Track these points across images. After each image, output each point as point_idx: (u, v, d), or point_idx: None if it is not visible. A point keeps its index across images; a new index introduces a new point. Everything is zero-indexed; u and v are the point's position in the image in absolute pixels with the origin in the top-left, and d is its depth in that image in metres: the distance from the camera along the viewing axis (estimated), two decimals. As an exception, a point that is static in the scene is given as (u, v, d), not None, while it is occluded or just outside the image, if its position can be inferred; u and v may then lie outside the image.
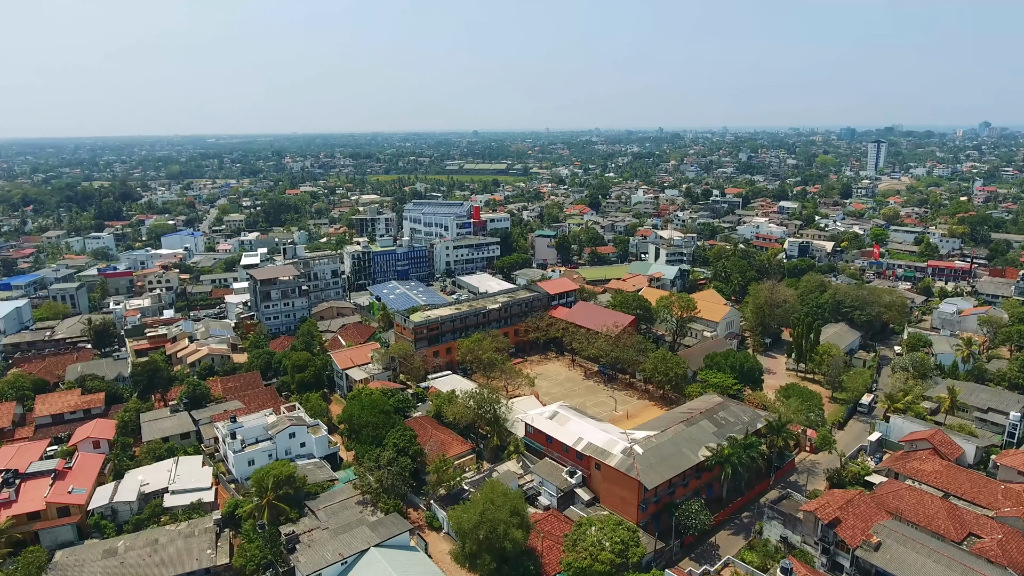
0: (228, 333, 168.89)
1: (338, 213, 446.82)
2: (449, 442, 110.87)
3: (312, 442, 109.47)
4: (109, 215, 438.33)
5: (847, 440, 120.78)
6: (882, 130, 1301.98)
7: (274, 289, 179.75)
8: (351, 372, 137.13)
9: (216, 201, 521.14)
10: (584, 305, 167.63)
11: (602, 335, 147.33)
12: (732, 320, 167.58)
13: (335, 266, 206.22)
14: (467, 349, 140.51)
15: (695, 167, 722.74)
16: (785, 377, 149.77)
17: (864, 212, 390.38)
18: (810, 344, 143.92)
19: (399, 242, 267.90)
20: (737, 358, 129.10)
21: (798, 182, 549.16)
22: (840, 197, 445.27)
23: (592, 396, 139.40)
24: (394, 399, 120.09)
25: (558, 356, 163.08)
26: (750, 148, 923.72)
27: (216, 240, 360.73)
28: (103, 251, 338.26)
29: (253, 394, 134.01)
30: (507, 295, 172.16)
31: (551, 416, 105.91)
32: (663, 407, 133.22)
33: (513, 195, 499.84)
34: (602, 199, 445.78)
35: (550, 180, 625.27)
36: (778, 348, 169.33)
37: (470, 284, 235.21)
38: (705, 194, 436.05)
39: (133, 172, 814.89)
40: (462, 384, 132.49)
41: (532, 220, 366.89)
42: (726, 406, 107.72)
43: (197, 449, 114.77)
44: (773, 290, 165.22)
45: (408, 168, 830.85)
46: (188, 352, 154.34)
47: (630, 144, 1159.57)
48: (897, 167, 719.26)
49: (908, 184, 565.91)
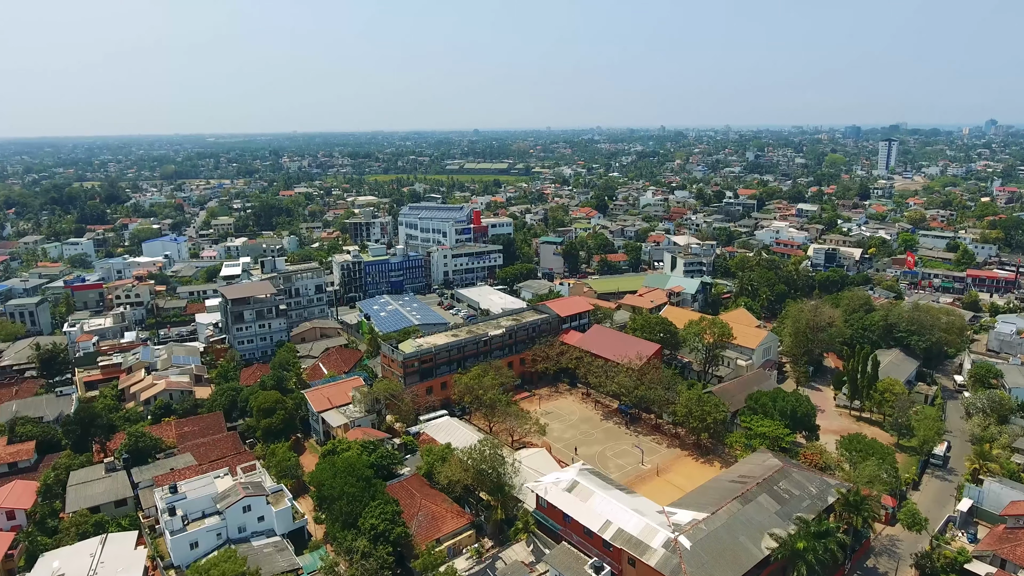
0: (193, 361, 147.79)
1: (332, 216, 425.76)
2: (442, 514, 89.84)
3: (272, 516, 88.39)
4: (92, 218, 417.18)
5: (925, 504, 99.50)
6: (887, 128, 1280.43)
7: (247, 309, 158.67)
8: (328, 415, 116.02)
9: (206, 203, 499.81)
10: (600, 330, 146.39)
11: (623, 368, 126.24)
12: (769, 346, 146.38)
13: (319, 280, 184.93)
14: (465, 387, 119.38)
15: (702, 166, 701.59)
16: (835, 416, 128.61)
17: (886, 215, 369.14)
18: (867, 379, 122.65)
19: (393, 250, 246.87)
20: (788, 401, 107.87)
21: (811, 182, 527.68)
22: (859, 199, 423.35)
23: (613, 443, 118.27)
24: (376, 455, 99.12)
25: (570, 389, 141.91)
26: (756, 147, 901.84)
27: (201, 246, 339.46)
28: (81, 258, 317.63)
29: (211, 443, 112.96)
30: (511, 318, 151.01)
31: (569, 487, 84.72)
32: (699, 458, 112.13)
33: (515, 196, 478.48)
34: (608, 201, 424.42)
35: (553, 180, 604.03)
36: (821, 377, 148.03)
37: (470, 298, 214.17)
38: (717, 196, 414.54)
39: (127, 172, 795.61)
40: (459, 432, 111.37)
41: (536, 224, 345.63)
42: (787, 473, 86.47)
43: (134, 521, 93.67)
44: (816, 312, 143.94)
45: (408, 168, 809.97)
46: (143, 386, 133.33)
47: (633, 143, 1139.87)
48: (908, 166, 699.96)
49: (923, 184, 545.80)
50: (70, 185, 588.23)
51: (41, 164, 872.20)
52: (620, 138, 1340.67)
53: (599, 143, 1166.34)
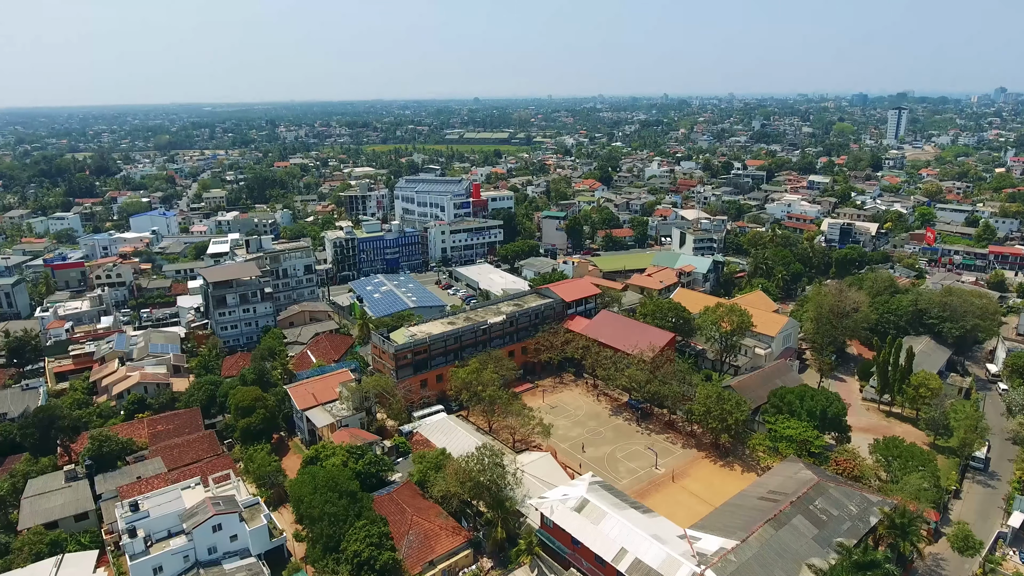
0: (172, 349, 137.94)
1: (328, 188, 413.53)
2: (435, 532, 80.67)
3: (247, 535, 79.23)
4: (81, 191, 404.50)
5: (968, 516, 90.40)
6: (894, 96, 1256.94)
7: (230, 293, 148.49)
8: (313, 414, 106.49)
9: (199, 175, 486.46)
10: (608, 316, 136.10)
11: (634, 359, 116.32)
12: (789, 333, 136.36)
13: (308, 260, 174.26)
14: (462, 382, 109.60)
15: (707, 136, 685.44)
16: (862, 411, 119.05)
17: (900, 187, 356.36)
18: (900, 372, 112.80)
19: (388, 226, 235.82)
20: (818, 401, 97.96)
21: (820, 152, 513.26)
22: (871, 170, 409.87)
23: (623, 442, 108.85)
24: (363, 462, 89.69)
25: (576, 380, 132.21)
26: (762, 116, 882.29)
27: (192, 220, 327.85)
28: (67, 233, 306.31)
29: (185, 444, 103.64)
30: (512, 303, 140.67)
31: (579, 507, 75.30)
32: (717, 460, 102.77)
33: (516, 167, 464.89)
34: (612, 172, 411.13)
35: (555, 150, 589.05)
36: (844, 366, 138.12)
37: (469, 277, 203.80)
38: (725, 167, 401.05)
39: (120, 143, 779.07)
40: (456, 433, 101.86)
41: (538, 197, 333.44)
42: (823, 489, 76.96)
43: (96, 538, 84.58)
44: (841, 295, 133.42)
45: (406, 137, 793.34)
46: (115, 379, 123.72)
47: (636, 111, 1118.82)
48: (917, 136, 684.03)
49: (934, 154, 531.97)
50: (62, 156, 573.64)
51: (34, 135, 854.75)
52: (623, 106, 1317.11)
53: (601, 112, 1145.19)
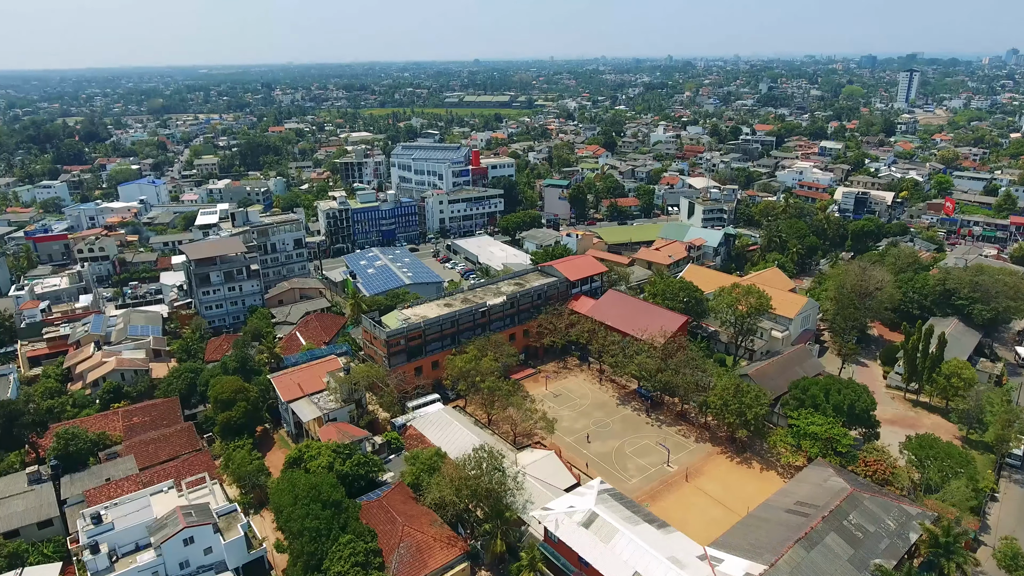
0: (153, 331, 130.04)
1: (324, 154, 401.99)
2: (429, 544, 73.64)
3: (222, 548, 72.26)
4: (69, 159, 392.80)
5: (1007, 521, 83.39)
6: (904, 58, 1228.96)
7: (214, 271, 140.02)
8: (299, 406, 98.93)
9: (191, 141, 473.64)
10: (615, 296, 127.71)
11: (644, 345, 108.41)
12: (808, 314, 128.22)
13: (298, 234, 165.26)
14: (459, 371, 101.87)
15: (713, 99, 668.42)
16: (887, 400, 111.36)
17: (914, 153, 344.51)
18: (931, 360, 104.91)
19: (384, 195, 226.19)
20: (845, 395, 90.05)
21: (830, 116, 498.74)
22: (883, 135, 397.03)
23: (632, 435, 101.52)
24: (351, 463, 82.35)
25: (581, 365, 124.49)
26: (769, 78, 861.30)
27: (182, 189, 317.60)
28: (54, 202, 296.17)
29: (162, 439, 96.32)
30: (513, 282, 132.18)
31: (586, 522, 68.01)
32: (734, 457, 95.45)
33: (517, 132, 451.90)
34: (617, 138, 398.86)
35: (557, 114, 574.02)
36: (865, 348, 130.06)
37: (468, 250, 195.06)
38: (733, 132, 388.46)
39: (113, 107, 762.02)
40: (452, 428, 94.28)
41: (540, 164, 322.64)
42: (857, 501, 69.56)
43: (60, 547, 77.72)
44: (864, 274, 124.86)
45: (405, 101, 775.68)
46: (90, 365, 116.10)
47: (639, 73, 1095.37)
48: (929, 99, 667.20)
49: (946, 118, 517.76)
50: (53, 121, 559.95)
51: (26, 99, 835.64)
52: (626, 68, 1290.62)
53: (604, 74, 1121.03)
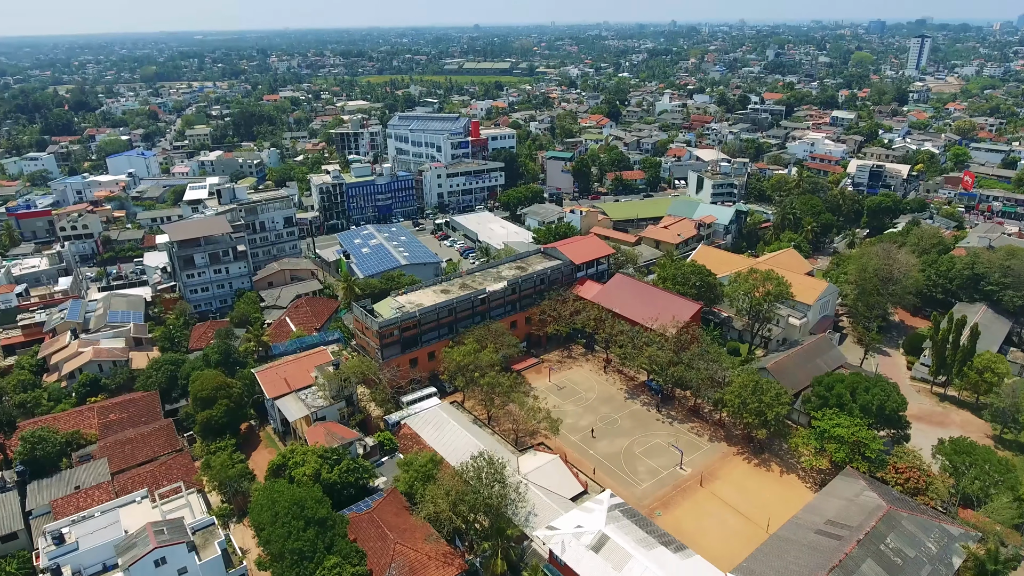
0: (134, 318, 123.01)
1: (320, 124, 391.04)
2: (423, 563, 67.47)
3: (197, 569, 66.15)
4: (58, 129, 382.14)
5: (1049, 530, 77.21)
6: (913, 23, 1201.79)
7: (199, 252, 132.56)
8: (286, 404, 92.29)
9: (184, 110, 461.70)
10: (624, 281, 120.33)
11: (655, 335, 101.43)
12: (827, 300, 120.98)
13: (288, 212, 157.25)
14: (457, 365, 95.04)
15: (719, 66, 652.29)
16: (912, 393, 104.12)
17: (928, 123, 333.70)
18: (962, 352, 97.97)
19: (379, 168, 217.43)
20: (874, 394, 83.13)
21: (840, 84, 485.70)
22: (896, 104, 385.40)
23: (642, 433, 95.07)
24: (339, 470, 75.89)
25: (586, 353, 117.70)
26: (776, 44, 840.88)
27: (173, 160, 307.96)
28: (41, 175, 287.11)
29: (139, 438, 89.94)
30: (515, 265, 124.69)
31: (596, 545, 61.74)
32: (751, 458, 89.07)
33: (518, 101, 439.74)
34: (621, 107, 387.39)
35: (559, 82, 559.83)
36: (886, 336, 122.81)
37: (467, 227, 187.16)
38: (741, 101, 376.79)
39: (106, 74, 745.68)
40: (450, 428, 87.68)
41: (541, 134, 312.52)
42: (895, 521, 63.16)
43: (25, 563, 71.75)
44: (888, 257, 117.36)
45: (403, 68, 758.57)
46: (66, 355, 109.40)
47: (643, 39, 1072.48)
48: (940, 66, 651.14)
49: (959, 86, 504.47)
50: (44, 89, 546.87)
51: (17, 66, 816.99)
52: (629, 34, 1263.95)
53: (607, 40, 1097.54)
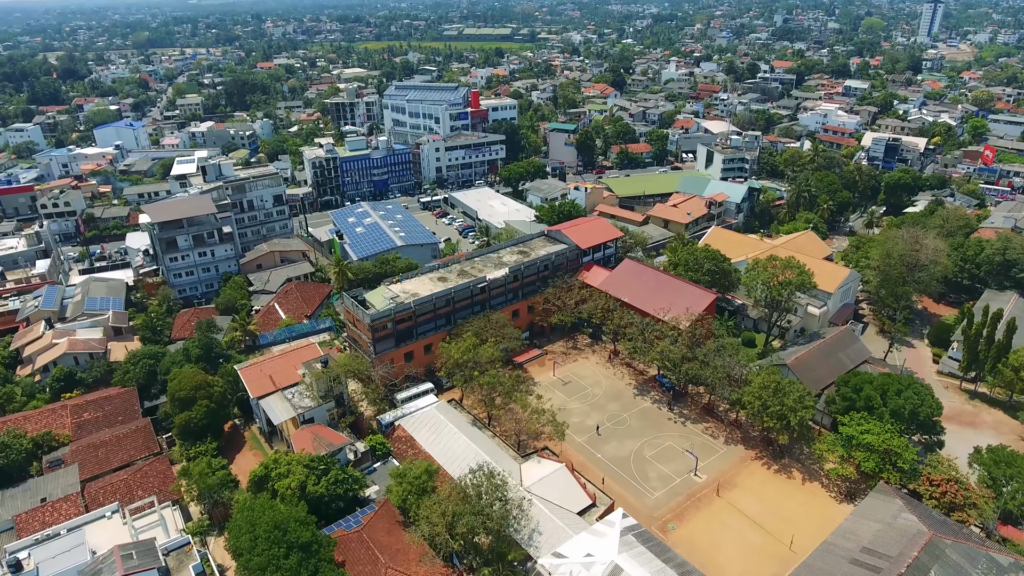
0: (114, 304, 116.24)
1: (315, 92, 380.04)
2: (418, 590, 61.83)
3: (169, 597, 60.52)
4: (45, 98, 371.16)
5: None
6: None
7: (182, 235, 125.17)
8: (271, 405, 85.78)
9: (175, 78, 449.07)
10: (633, 267, 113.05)
11: (667, 328, 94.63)
12: (849, 287, 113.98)
13: (278, 190, 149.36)
14: (454, 361, 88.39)
15: (725, 32, 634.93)
16: (940, 390, 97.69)
17: (943, 93, 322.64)
18: (997, 348, 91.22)
19: (375, 141, 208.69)
20: (907, 399, 76.49)
21: (850, 52, 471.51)
22: (910, 72, 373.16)
23: (653, 434, 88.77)
24: (326, 481, 69.70)
25: (592, 344, 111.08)
26: (784, 9, 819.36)
27: (163, 131, 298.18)
28: (27, 147, 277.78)
29: (115, 441, 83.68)
30: (517, 249, 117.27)
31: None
32: (771, 464, 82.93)
33: (520, 69, 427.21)
34: (626, 75, 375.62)
35: (561, 49, 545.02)
36: (910, 326, 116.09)
37: (466, 204, 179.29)
38: (750, 69, 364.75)
39: (97, 41, 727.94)
40: (447, 432, 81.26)
41: (543, 104, 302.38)
42: (938, 550, 56.97)
43: (-17, 585, 66.25)
44: (915, 243, 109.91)
45: (402, 34, 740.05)
46: (40, 347, 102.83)
47: (647, 4, 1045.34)
48: (952, 32, 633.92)
49: (972, 54, 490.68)
50: (34, 56, 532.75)
51: (7, 32, 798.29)
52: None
53: (610, 4, 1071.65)
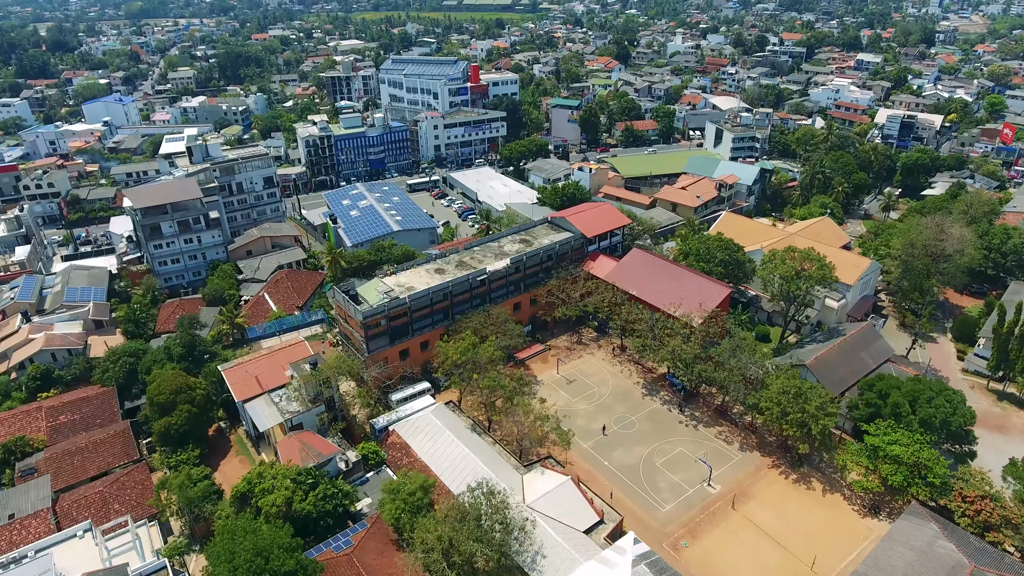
0: (96, 294, 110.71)
1: (311, 65, 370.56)
2: (412, 622, 57.09)
3: (142, 629, 55.83)
4: (33, 72, 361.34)
5: None
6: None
7: (166, 220, 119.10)
8: (256, 409, 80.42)
9: (168, 50, 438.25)
10: (641, 258, 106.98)
11: (679, 324, 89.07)
12: (869, 279, 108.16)
13: (269, 172, 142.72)
14: (452, 361, 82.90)
15: (732, 3, 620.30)
16: (966, 389, 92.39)
17: (958, 67, 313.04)
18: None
19: (371, 117, 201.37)
20: (938, 407, 71.08)
21: (861, 23, 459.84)
22: (924, 46, 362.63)
23: (663, 440, 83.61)
24: (314, 496, 64.73)
25: (598, 338, 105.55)
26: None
27: (155, 107, 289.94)
28: (15, 122, 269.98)
29: (92, 447, 78.65)
30: (519, 237, 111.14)
31: (620, 619, 50.99)
32: (790, 473, 77.85)
33: (521, 41, 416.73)
34: (630, 47, 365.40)
35: (564, 19, 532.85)
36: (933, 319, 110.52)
37: (466, 185, 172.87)
38: (759, 42, 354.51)
39: (89, 11, 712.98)
40: (445, 440, 76.06)
41: (546, 78, 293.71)
42: (984, 586, 52.07)
43: (-56, 611, 61.63)
44: (941, 232, 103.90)
45: (400, 3, 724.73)
46: (15, 343, 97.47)
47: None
48: (964, 3, 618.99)
49: (985, 25, 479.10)
50: (24, 27, 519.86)
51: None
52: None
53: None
